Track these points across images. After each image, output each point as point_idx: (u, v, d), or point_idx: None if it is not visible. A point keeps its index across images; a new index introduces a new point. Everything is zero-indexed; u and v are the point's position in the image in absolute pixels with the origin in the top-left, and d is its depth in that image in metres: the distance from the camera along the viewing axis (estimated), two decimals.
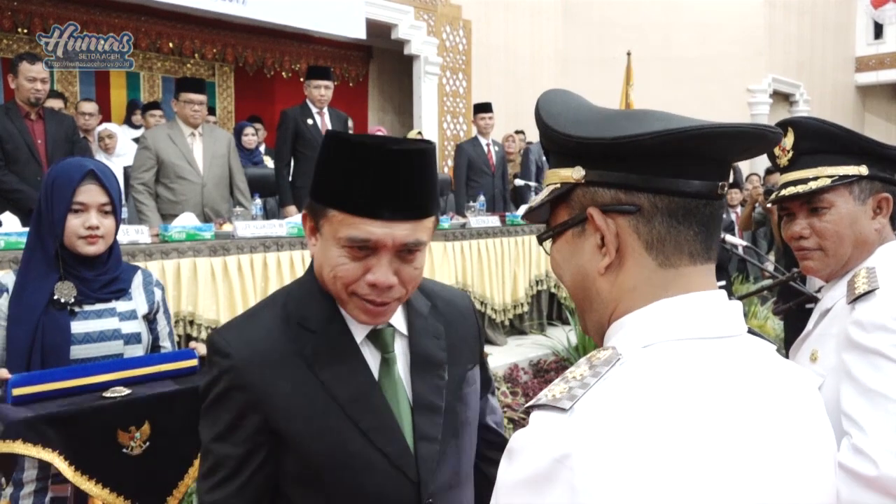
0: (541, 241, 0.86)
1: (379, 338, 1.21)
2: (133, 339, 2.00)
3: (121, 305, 2.01)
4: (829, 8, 14.46)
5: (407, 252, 1.13)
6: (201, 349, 1.99)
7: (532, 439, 0.66)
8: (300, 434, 1.13)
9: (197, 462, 1.86)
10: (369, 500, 1.15)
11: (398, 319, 1.24)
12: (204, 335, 3.82)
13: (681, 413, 0.65)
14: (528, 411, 0.69)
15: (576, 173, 0.77)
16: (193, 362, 1.97)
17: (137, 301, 2.04)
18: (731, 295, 1.14)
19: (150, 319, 2.08)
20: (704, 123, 0.71)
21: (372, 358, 1.20)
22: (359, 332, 1.19)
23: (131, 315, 2.02)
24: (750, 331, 0.80)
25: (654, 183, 0.73)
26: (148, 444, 1.78)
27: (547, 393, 0.69)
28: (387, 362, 1.21)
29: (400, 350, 1.23)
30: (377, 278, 1.11)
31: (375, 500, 1.15)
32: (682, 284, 0.74)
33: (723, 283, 4.09)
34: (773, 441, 0.70)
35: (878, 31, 15.43)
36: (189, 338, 3.83)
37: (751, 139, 0.74)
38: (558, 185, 0.79)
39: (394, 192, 1.09)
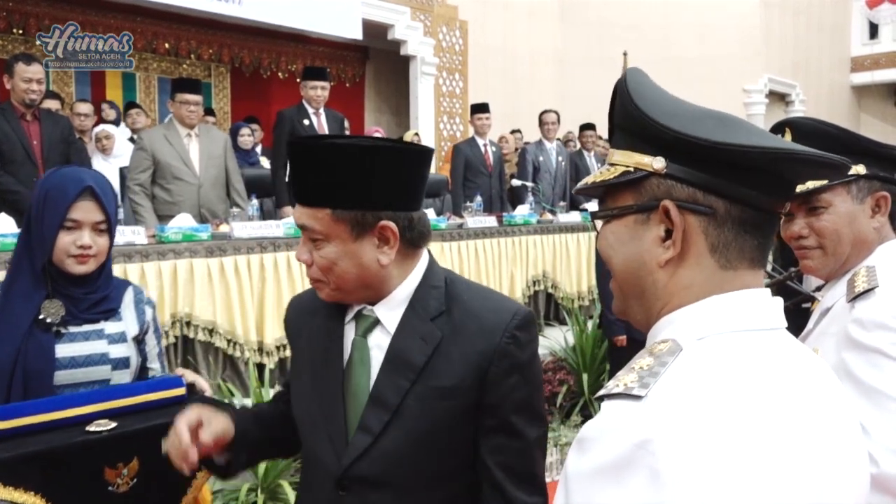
0: (596, 218, 0.86)
1: (358, 321, 1.31)
2: (121, 363, 1.85)
3: (109, 327, 1.86)
4: (825, 8, 14.50)
5: (312, 238, 1.23)
6: (189, 376, 1.90)
7: (609, 427, 0.68)
8: (294, 374, 1.39)
9: (186, 496, 1.77)
10: (312, 463, 1.33)
11: (389, 315, 1.27)
12: (201, 336, 3.81)
13: (749, 399, 0.68)
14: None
15: (656, 163, 0.77)
16: (181, 391, 1.82)
17: (127, 321, 1.90)
18: None
19: (139, 340, 1.93)
20: (808, 150, 0.73)
21: (351, 336, 1.31)
22: (349, 313, 1.32)
23: (120, 338, 1.87)
24: None
25: (735, 191, 0.75)
26: (135, 480, 1.66)
27: (617, 383, 0.70)
28: (358, 347, 1.29)
29: (381, 343, 1.28)
30: (297, 252, 1.28)
31: (314, 464, 1.31)
32: (736, 284, 0.77)
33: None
34: (825, 425, 0.72)
35: (874, 31, 15.47)
36: (186, 339, 3.82)
37: (834, 169, 0.77)
38: (631, 169, 0.79)
39: (296, 180, 1.24)
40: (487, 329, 1.24)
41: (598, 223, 0.86)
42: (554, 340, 5.38)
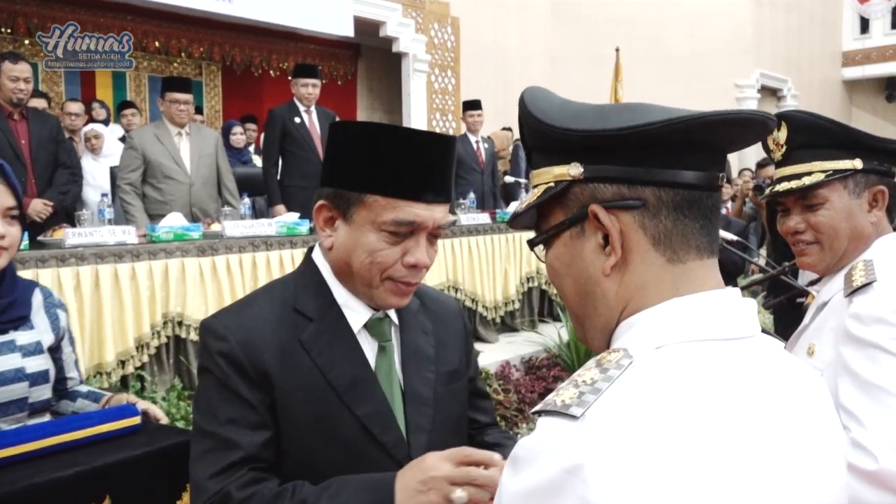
0: (533, 245, 0.81)
1: (376, 327, 1.24)
2: (40, 378, 1.64)
3: (21, 337, 1.62)
4: (816, 3, 14.52)
5: (435, 236, 1.19)
6: (141, 404, 1.78)
7: (541, 448, 0.63)
8: (297, 416, 1.15)
9: None
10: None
11: (393, 314, 1.26)
12: (193, 336, 3.79)
13: (695, 421, 0.63)
14: (528, 417, 0.66)
15: (573, 170, 0.73)
16: (136, 420, 1.68)
17: (40, 329, 1.68)
18: None
19: (54, 348, 1.71)
20: (711, 111, 0.69)
21: (369, 346, 1.22)
22: (356, 322, 1.21)
23: (36, 349, 1.64)
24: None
25: (659, 175, 0.71)
26: None
27: (556, 398, 0.65)
28: (384, 351, 1.23)
29: (393, 342, 1.26)
30: (419, 258, 1.15)
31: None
32: (692, 281, 0.72)
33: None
34: (788, 446, 0.68)
35: (864, 25, 15.51)
36: (178, 339, 3.80)
37: (753, 125, 0.72)
38: (552, 185, 0.75)
39: (434, 177, 1.15)
40: (452, 314, 1.39)
41: (541, 252, 0.81)
42: (548, 337, 5.37)
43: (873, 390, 1.22)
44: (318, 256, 1.25)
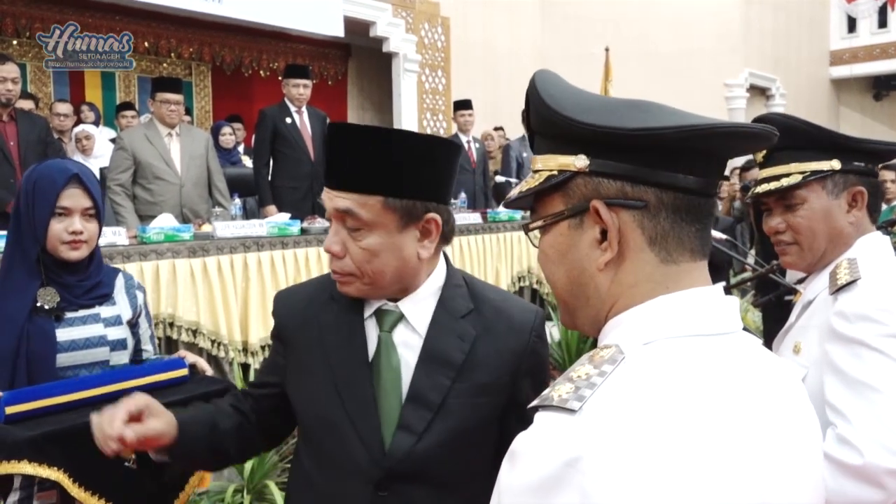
0: (529, 230, 0.81)
1: (381, 316, 1.27)
2: (119, 345, 1.96)
3: (105, 311, 1.95)
4: (804, 3, 14.60)
5: (352, 228, 1.18)
6: (190, 358, 2.00)
7: (540, 442, 0.64)
8: (298, 389, 1.31)
9: (196, 473, 1.89)
10: (335, 465, 1.26)
11: (414, 311, 1.26)
12: (184, 337, 3.78)
13: (688, 413, 0.65)
14: (531, 412, 0.67)
15: (578, 161, 0.73)
16: (184, 371, 1.94)
17: (121, 306, 2.00)
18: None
19: (133, 323, 2.04)
20: (725, 122, 0.70)
21: (373, 332, 1.27)
22: (367, 308, 1.28)
23: (116, 321, 1.96)
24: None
25: (663, 177, 0.72)
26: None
27: (552, 393, 0.66)
28: (386, 343, 1.25)
29: (410, 341, 1.26)
30: (325, 243, 1.22)
31: (341, 466, 1.25)
32: (682, 281, 0.73)
33: (722, 283, 4.07)
34: (772, 438, 0.70)
35: (852, 25, 15.61)
36: (169, 340, 3.79)
37: (758, 139, 0.74)
38: (555, 173, 0.75)
39: (331, 164, 1.21)
40: (517, 328, 1.29)
41: (535, 237, 0.81)
42: None
43: (858, 387, 1.24)
44: None
